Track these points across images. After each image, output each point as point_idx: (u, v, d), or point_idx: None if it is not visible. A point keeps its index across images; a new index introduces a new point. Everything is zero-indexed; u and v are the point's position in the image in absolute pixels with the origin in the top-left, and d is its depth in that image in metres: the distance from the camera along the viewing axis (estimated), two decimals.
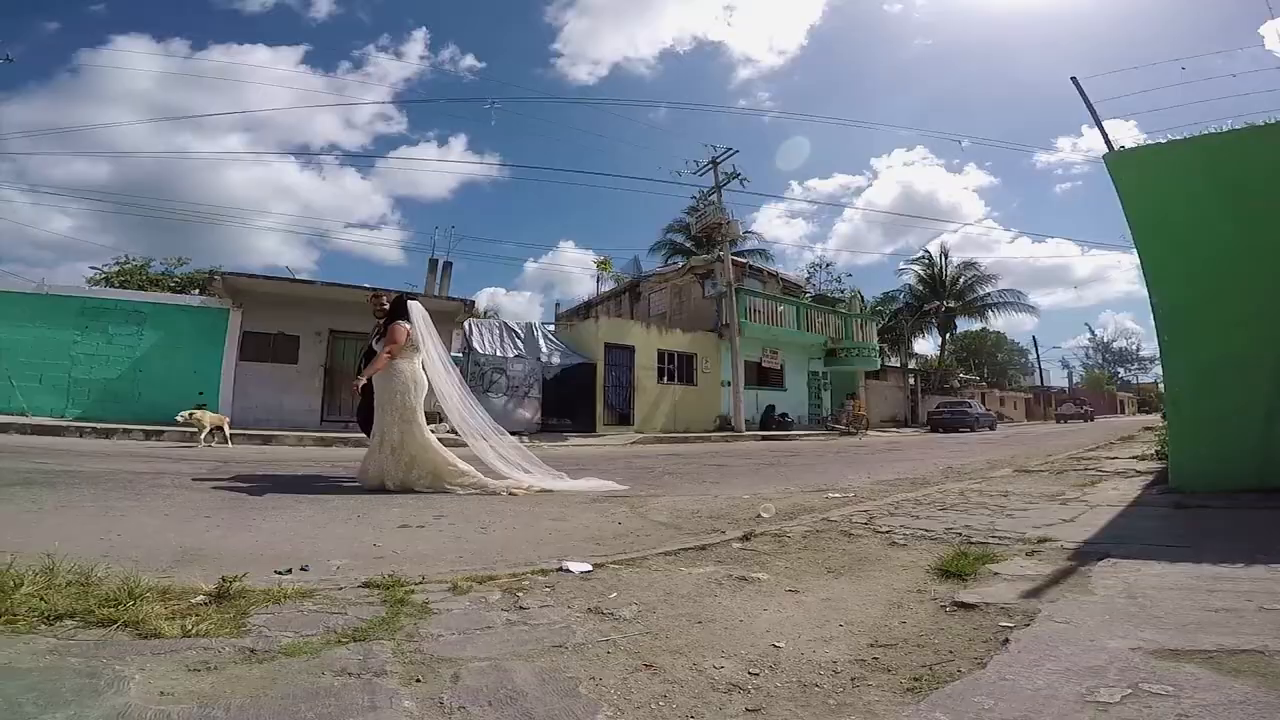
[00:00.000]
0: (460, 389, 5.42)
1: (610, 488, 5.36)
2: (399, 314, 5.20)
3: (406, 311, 5.20)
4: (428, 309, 14.77)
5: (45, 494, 3.95)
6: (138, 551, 2.53)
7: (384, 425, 4.97)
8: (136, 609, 1.65)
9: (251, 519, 3.51)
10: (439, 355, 5.32)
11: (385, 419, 4.97)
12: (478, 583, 2.26)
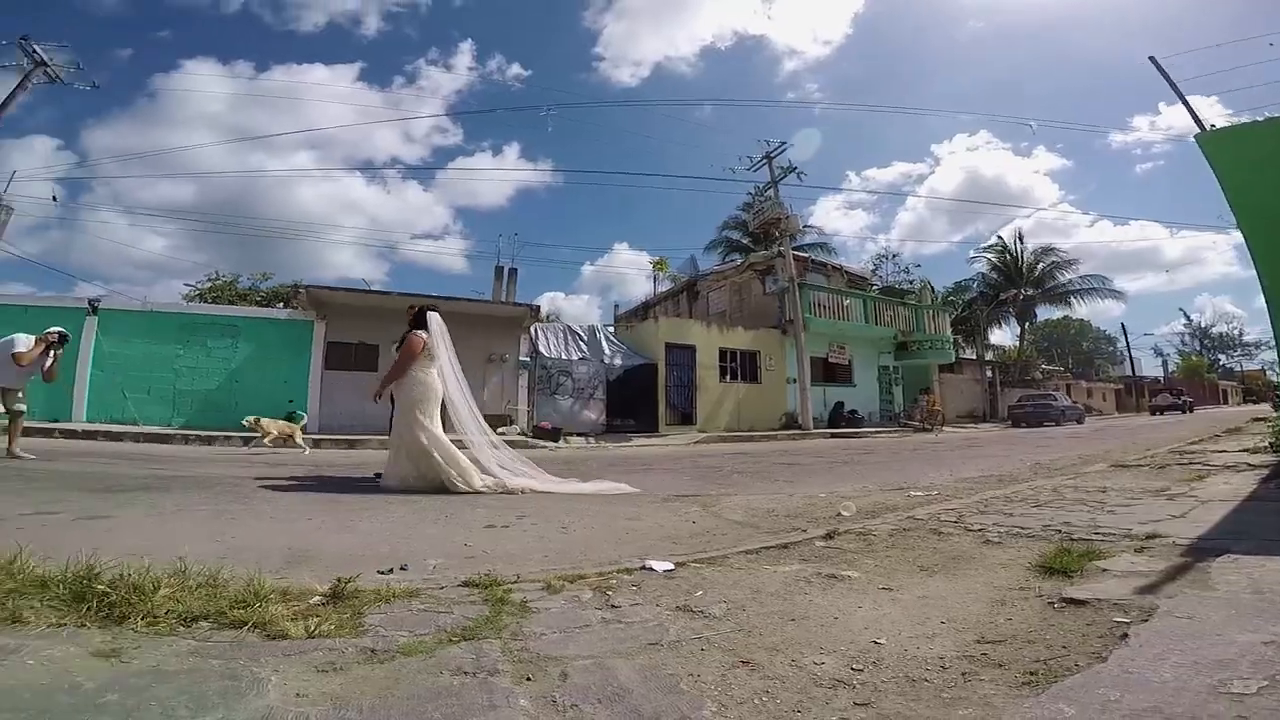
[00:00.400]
0: (468, 398, 5.58)
1: (621, 489, 5.35)
2: (419, 324, 5.40)
3: (425, 322, 5.39)
4: (497, 315, 15.18)
5: (163, 499, 4.28)
6: (252, 553, 2.68)
7: (400, 430, 5.18)
8: (263, 610, 1.73)
9: (349, 520, 3.71)
10: (451, 365, 5.46)
11: (401, 424, 5.18)
12: (569, 581, 2.31)
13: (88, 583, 1.70)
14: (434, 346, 5.29)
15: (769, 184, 20.52)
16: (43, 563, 1.91)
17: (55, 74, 16.87)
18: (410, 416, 5.12)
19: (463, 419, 5.45)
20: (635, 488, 5.44)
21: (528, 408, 15.36)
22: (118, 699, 1.18)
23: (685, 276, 27.38)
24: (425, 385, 5.19)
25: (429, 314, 5.47)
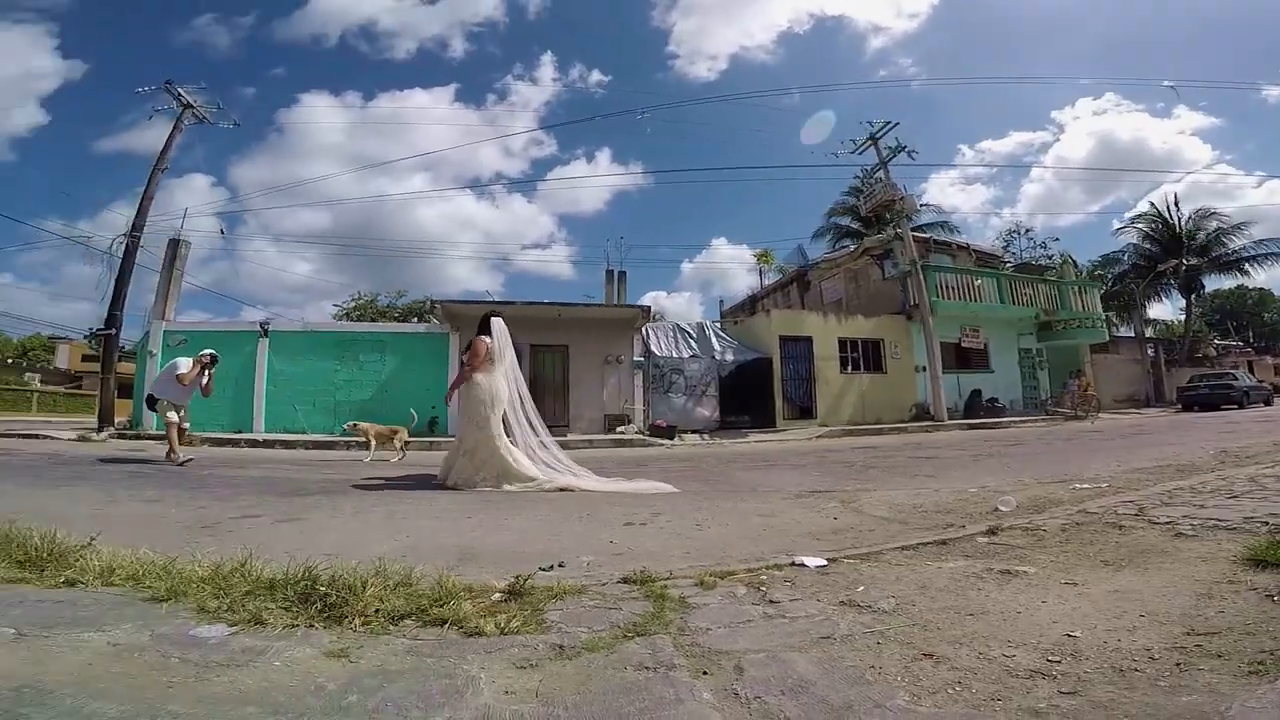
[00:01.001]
0: (527, 399, 5.71)
1: (664, 489, 5.25)
2: (483, 330, 5.56)
3: (489, 327, 5.52)
4: (611, 318, 15.52)
5: (341, 501, 4.70)
6: (427, 551, 2.90)
7: (463, 430, 5.35)
8: (456, 607, 1.84)
9: (504, 519, 3.94)
10: (512, 368, 5.60)
11: (464, 425, 5.35)
12: (719, 578, 2.32)
13: (311, 585, 1.88)
14: (498, 350, 5.45)
15: (877, 165, 19.51)
16: (265, 563, 2.13)
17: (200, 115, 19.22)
18: (474, 417, 5.29)
19: (520, 419, 5.57)
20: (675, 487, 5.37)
21: (643, 407, 15.61)
22: (358, 700, 1.29)
23: (793, 267, 26.53)
24: (489, 387, 5.34)
25: (492, 319, 5.62)
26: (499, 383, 5.42)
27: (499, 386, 5.40)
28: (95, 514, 3.72)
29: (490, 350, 5.41)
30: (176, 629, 1.59)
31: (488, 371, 5.39)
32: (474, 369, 5.36)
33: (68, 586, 1.87)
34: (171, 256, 16.48)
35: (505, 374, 5.50)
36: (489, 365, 5.41)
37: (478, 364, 5.36)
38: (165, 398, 7.82)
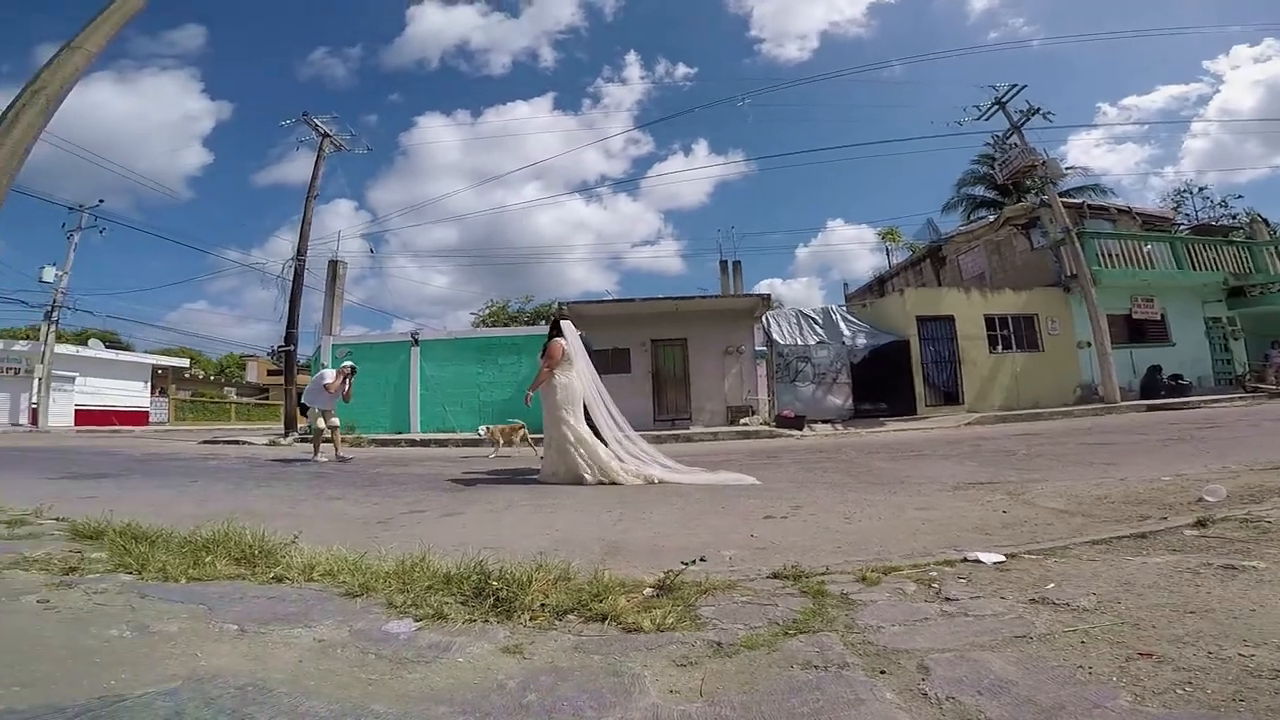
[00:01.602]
0: (603, 394, 5.88)
1: (748, 481, 5.17)
2: (555, 333, 5.81)
3: (560, 330, 5.78)
4: (729, 308, 15.29)
5: (493, 496, 4.99)
6: (575, 545, 2.98)
7: (549, 428, 5.60)
8: (613, 603, 1.86)
9: (642, 513, 3.99)
10: (587, 366, 5.80)
11: (549, 423, 5.60)
12: (882, 574, 2.20)
13: (483, 580, 1.97)
14: (571, 350, 5.69)
15: (1009, 130, 17.80)
16: (440, 557, 2.27)
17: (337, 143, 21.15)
18: (555, 415, 5.54)
19: (602, 414, 5.77)
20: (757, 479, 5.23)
21: (768, 397, 15.27)
22: (536, 700, 1.32)
23: (924, 243, 24.74)
24: (566, 386, 5.59)
25: (562, 322, 5.94)
26: (575, 381, 5.67)
27: (575, 384, 5.65)
28: (289, 512, 4.20)
29: (565, 351, 5.68)
30: (370, 624, 1.72)
31: (564, 371, 5.66)
32: (551, 369, 5.64)
33: (276, 582, 2.08)
34: (332, 277, 18.44)
35: (580, 372, 5.75)
36: (565, 365, 5.68)
37: (553, 365, 5.64)
38: (315, 404, 9.00)
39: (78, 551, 2.34)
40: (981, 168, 24.49)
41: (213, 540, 2.41)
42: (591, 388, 5.84)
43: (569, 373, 5.68)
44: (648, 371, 15.43)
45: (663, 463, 5.73)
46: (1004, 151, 18.76)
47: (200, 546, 2.34)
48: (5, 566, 2.11)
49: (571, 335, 5.82)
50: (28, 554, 2.27)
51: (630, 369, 15.43)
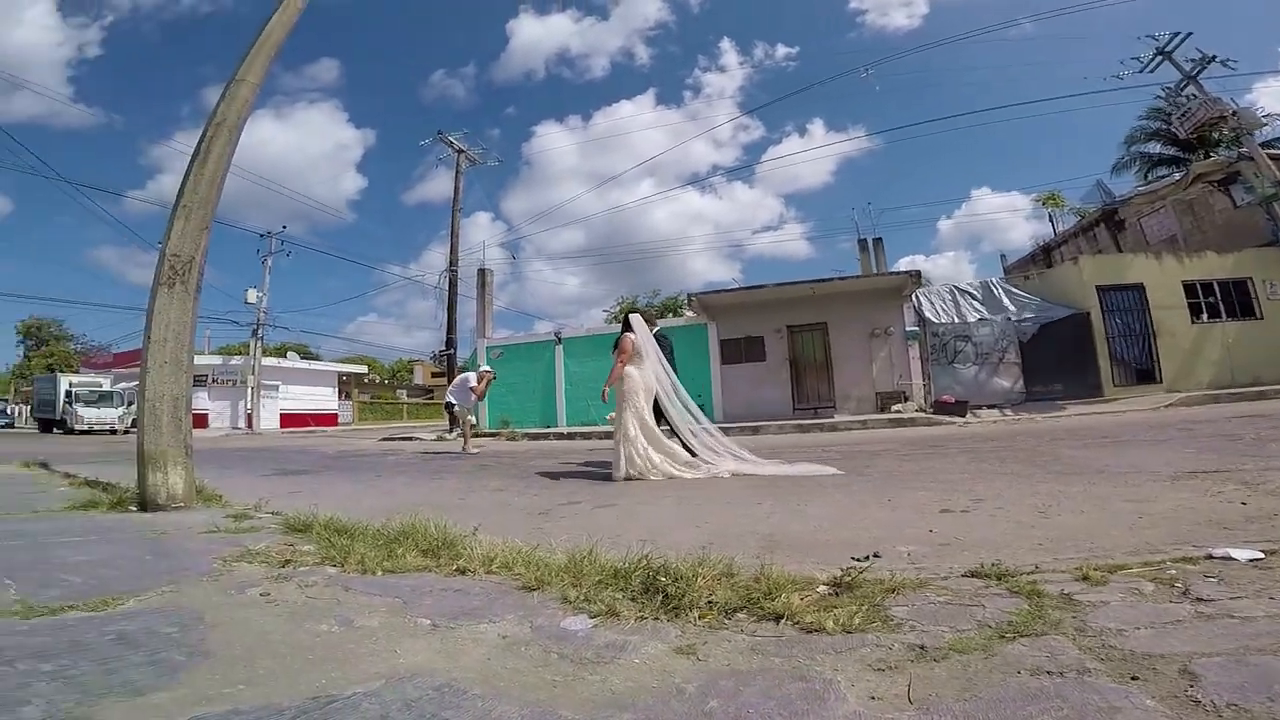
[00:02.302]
0: (677, 388, 5.91)
1: (827, 471, 5.10)
2: (626, 328, 5.94)
3: (631, 326, 5.89)
4: (872, 288, 14.45)
5: (637, 487, 5.04)
6: (730, 539, 2.87)
7: (621, 422, 5.59)
8: (786, 601, 1.74)
9: (798, 506, 3.80)
10: (657, 360, 5.84)
11: (622, 417, 5.61)
12: (1107, 572, 1.92)
13: (651, 575, 1.93)
14: (642, 344, 5.79)
15: (1182, 81, 15.41)
16: (605, 550, 2.26)
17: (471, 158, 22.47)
18: (627, 409, 5.59)
19: (676, 406, 5.84)
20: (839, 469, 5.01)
21: (923, 381, 14.19)
22: (719, 706, 1.24)
23: (1095, 207, 21.87)
24: (637, 380, 5.65)
25: (632, 317, 6.05)
26: (648, 374, 5.75)
27: (648, 378, 5.73)
28: (460, 503, 4.49)
29: (636, 345, 5.76)
30: (549, 620, 1.73)
31: (637, 365, 5.74)
32: (623, 364, 5.74)
33: (460, 574, 2.17)
34: (481, 284, 19.81)
35: (653, 366, 5.81)
36: (637, 359, 5.76)
37: (625, 359, 5.74)
38: (460, 403, 10.31)
39: (290, 545, 2.61)
40: (1154, 123, 21.56)
41: (402, 533, 2.58)
42: (666, 382, 5.90)
43: (641, 367, 5.76)
44: (784, 359, 14.94)
45: (737, 454, 5.71)
46: (1180, 104, 16.40)
47: (392, 539, 2.51)
48: (234, 559, 2.38)
49: (641, 330, 5.92)
50: (251, 547, 2.56)
51: (765, 357, 15.05)
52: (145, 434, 3.80)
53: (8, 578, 2.05)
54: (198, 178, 4.20)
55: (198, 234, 4.13)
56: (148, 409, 3.85)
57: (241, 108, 4.43)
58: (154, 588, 1.96)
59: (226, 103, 4.38)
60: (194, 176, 4.20)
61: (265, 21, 4.63)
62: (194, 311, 4.13)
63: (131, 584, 2.00)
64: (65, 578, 2.07)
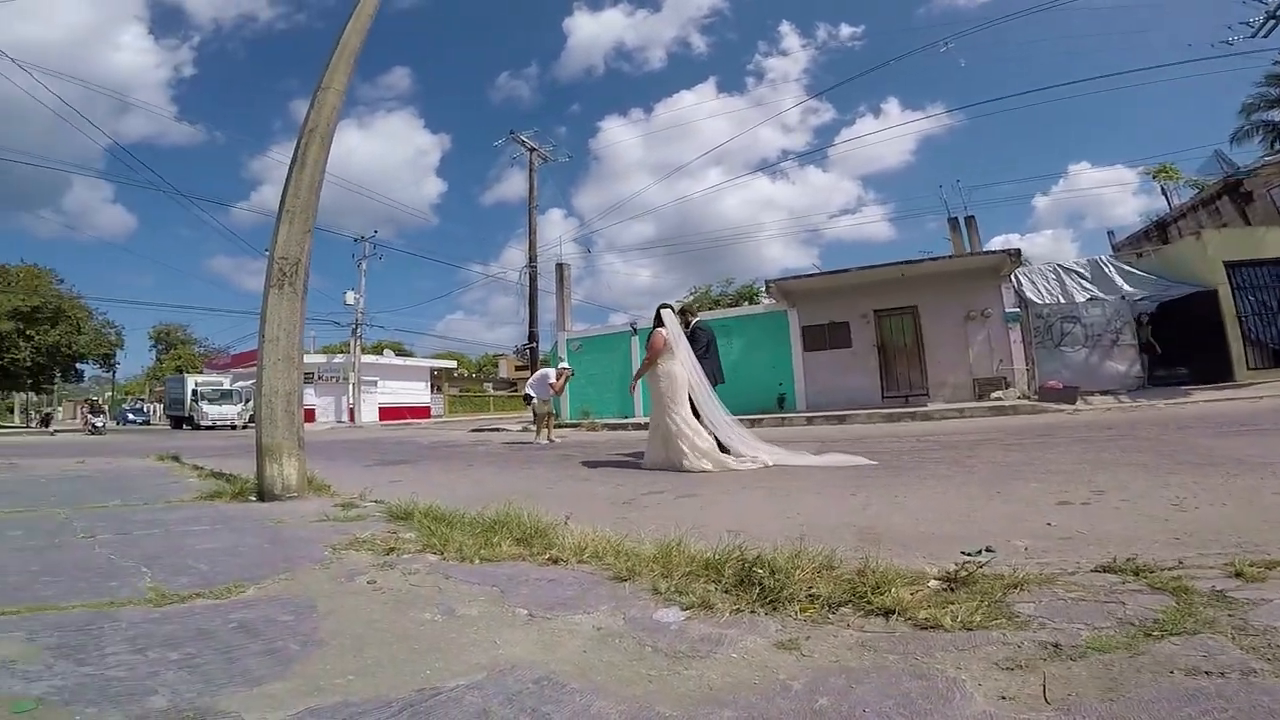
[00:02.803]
0: (705, 383, 5.88)
1: (859, 462, 5.07)
2: (657, 323, 5.95)
3: (663, 320, 5.91)
4: (966, 269, 13.69)
5: (721, 477, 4.96)
6: (823, 531, 2.75)
7: (655, 415, 5.70)
8: (896, 596, 1.66)
9: (895, 497, 3.62)
10: (688, 354, 5.87)
11: (655, 410, 5.72)
12: (1265, 568, 1.73)
13: (746, 567, 1.87)
14: (673, 339, 5.82)
15: None
16: (694, 542, 2.21)
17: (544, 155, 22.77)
18: (661, 404, 5.66)
19: (707, 400, 5.80)
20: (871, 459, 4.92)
21: (1026, 366, 13.27)
22: (830, 704, 1.18)
23: (1215, 179, 19.79)
24: (670, 375, 5.70)
25: (663, 312, 6.02)
26: (678, 368, 5.76)
27: (679, 372, 5.75)
28: (548, 492, 4.57)
29: (667, 340, 5.80)
30: (642, 612, 1.71)
31: (667, 360, 5.78)
32: (654, 359, 5.81)
33: (552, 564, 2.19)
34: (560, 279, 20.19)
35: (683, 360, 5.83)
36: (668, 354, 5.80)
37: (656, 354, 5.81)
38: (538, 396, 10.70)
39: (394, 533, 2.72)
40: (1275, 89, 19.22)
41: (496, 522, 2.63)
42: (695, 375, 5.88)
43: (672, 361, 5.79)
44: (872, 345, 14.36)
45: (762, 449, 5.66)
46: None
47: (487, 527, 2.57)
48: (343, 548, 2.50)
49: (672, 324, 5.95)
50: (358, 535, 2.68)
51: (851, 343, 14.51)
52: (262, 428, 4.09)
53: (145, 566, 2.23)
54: (297, 183, 4.45)
55: (301, 237, 4.39)
56: (264, 404, 4.13)
57: (330, 114, 4.67)
58: (272, 576, 2.08)
59: (316, 110, 4.62)
60: (294, 182, 4.46)
61: (341, 30, 4.85)
62: (302, 310, 4.40)
63: (252, 572, 2.13)
64: (194, 565, 2.24)
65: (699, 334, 6.82)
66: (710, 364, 6.68)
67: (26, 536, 2.74)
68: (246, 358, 36.76)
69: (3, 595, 1.78)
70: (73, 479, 5.40)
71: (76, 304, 30.59)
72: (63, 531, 2.89)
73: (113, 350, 34.99)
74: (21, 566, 2.16)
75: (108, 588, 1.91)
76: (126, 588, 1.91)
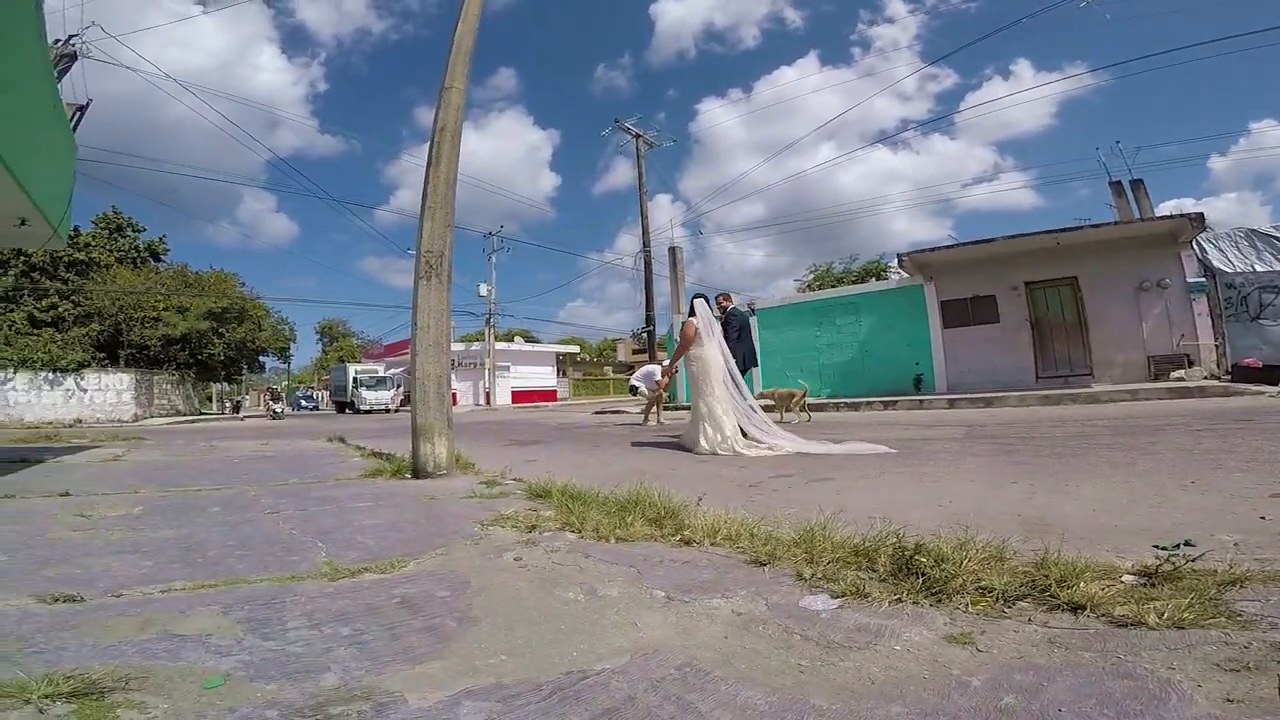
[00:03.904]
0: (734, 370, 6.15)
1: (878, 450, 5.13)
2: (691, 313, 6.35)
3: (694, 310, 6.31)
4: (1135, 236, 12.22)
5: (860, 463, 4.71)
6: (983, 520, 2.53)
7: (693, 400, 6.06)
8: (1085, 590, 1.49)
9: (1064, 485, 3.26)
10: (720, 343, 6.16)
11: (693, 396, 6.07)
12: None
13: (905, 554, 1.74)
14: (704, 329, 6.10)
15: None
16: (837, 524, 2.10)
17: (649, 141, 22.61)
18: (695, 388, 6.04)
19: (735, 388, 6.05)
20: None
21: (1214, 341, 11.49)
22: (1019, 704, 1.06)
23: None
24: (702, 361, 5.99)
25: (695, 301, 6.39)
26: (713, 355, 6.01)
27: (713, 358, 6.00)
28: (670, 472, 4.58)
29: (698, 329, 6.10)
30: (785, 598, 1.64)
31: (699, 346, 6.05)
32: (686, 346, 6.15)
33: (685, 545, 2.16)
34: (673, 262, 20.21)
35: (717, 347, 6.08)
36: (699, 342, 6.08)
37: (688, 343, 6.13)
38: (644, 386, 11.67)
39: (534, 510, 2.83)
40: None
41: (629, 501, 2.66)
42: (727, 361, 6.16)
43: (705, 348, 6.04)
44: (1024, 319, 13.06)
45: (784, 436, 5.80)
46: None
47: (621, 507, 2.60)
48: (490, 523, 2.63)
49: (703, 313, 6.26)
50: (503, 512, 2.82)
51: (998, 318, 13.29)
52: (416, 409, 4.44)
53: (320, 541, 2.45)
54: (435, 180, 4.75)
55: (443, 231, 4.69)
56: (418, 387, 4.48)
57: (456, 111, 4.93)
58: (428, 551, 2.21)
59: (443, 109, 4.89)
60: (432, 180, 4.75)
61: (453, 32, 5.06)
62: (448, 299, 4.72)
63: (411, 548, 2.28)
64: (361, 540, 2.43)
65: (731, 320, 7.66)
66: (743, 347, 7.51)
67: (224, 512, 3.11)
68: (397, 347, 40.42)
69: (205, 569, 2.01)
70: (259, 459, 6.16)
71: (256, 304, 34.93)
72: (252, 507, 3.27)
73: (288, 344, 39.77)
74: (220, 540, 2.44)
75: (289, 561, 2.11)
76: (305, 562, 2.10)
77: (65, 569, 1.98)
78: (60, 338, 25.98)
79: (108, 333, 28.30)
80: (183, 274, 33.71)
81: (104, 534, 2.57)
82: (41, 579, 1.86)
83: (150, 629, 1.46)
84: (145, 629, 1.46)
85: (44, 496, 3.58)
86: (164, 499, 3.50)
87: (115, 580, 1.85)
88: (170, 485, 4.07)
